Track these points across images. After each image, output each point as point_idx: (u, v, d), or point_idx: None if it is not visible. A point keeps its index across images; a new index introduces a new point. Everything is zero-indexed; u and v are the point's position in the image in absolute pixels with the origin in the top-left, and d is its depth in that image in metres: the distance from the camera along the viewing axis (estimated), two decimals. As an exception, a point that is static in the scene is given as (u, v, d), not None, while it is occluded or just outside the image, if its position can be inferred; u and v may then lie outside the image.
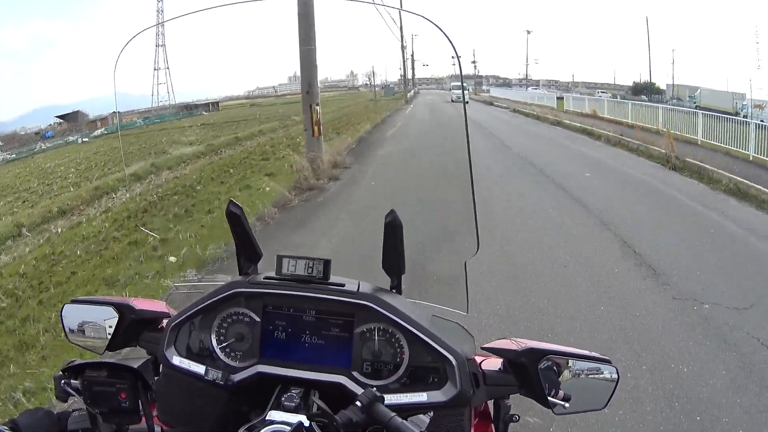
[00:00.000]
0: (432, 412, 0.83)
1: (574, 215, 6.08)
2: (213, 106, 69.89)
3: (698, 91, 28.24)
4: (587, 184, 7.79)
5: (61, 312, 1.04)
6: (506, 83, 71.69)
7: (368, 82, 69.66)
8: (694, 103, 25.36)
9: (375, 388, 0.80)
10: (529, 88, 51.54)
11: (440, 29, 1.00)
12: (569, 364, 0.89)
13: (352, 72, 75.38)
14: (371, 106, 36.15)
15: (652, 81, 41.42)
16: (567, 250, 4.82)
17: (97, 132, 45.67)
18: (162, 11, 76.14)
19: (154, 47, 66.27)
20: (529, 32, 59.86)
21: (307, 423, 0.74)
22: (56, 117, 49.84)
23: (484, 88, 72.93)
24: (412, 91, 58.99)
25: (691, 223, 5.81)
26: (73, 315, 1.03)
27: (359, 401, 0.77)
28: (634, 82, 44.36)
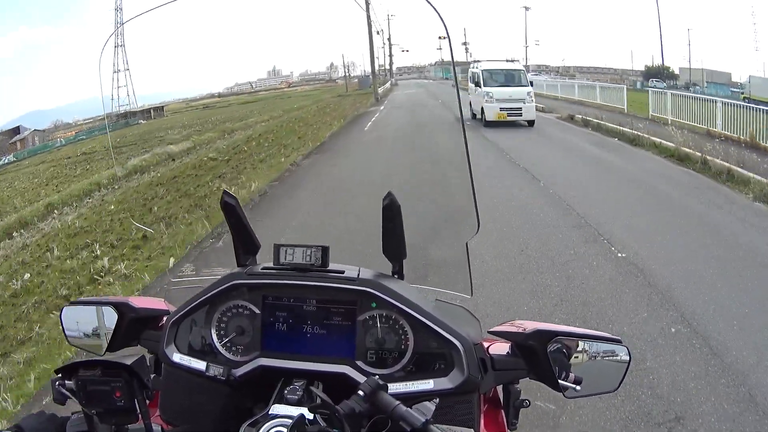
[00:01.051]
0: (438, 399, 0.77)
1: None
2: (156, 111, 59.93)
3: (746, 78, 22.50)
4: None
5: (60, 314, 1.02)
6: None
7: (350, 74, 63.50)
8: (742, 94, 20.22)
9: (378, 377, 0.77)
10: (530, 74, 43.68)
11: None
12: (579, 346, 0.86)
13: (332, 64, 70.37)
14: (332, 106, 26.63)
15: (666, 65, 36.37)
16: None
17: (4, 160, 35.88)
18: (121, 9, 66.93)
19: (113, 48, 59.83)
20: (527, 9, 49.54)
21: (309, 415, 0.72)
22: (-1, 134, 42.66)
23: (473, 75, 63.81)
24: (389, 82, 48.62)
25: None
26: (73, 316, 1.00)
27: (362, 390, 0.74)
28: (646, 66, 38.39)
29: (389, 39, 58.27)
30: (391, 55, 60.36)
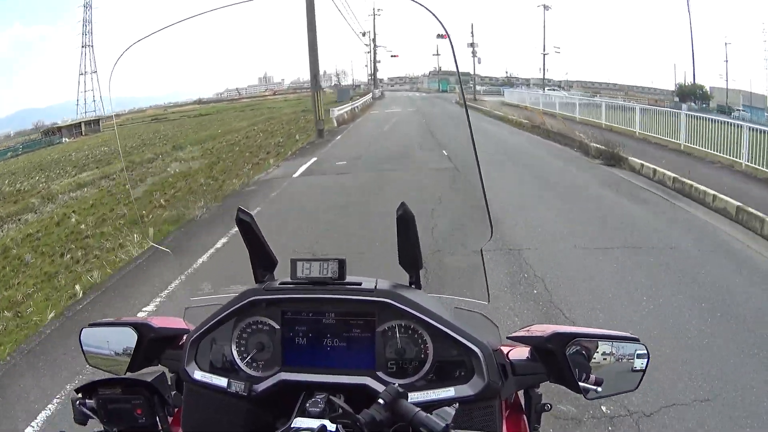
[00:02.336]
0: (457, 404, 0.75)
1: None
2: (90, 126, 48.22)
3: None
4: None
5: (80, 336, 0.99)
6: (508, 83, 52.30)
7: (336, 83, 58.25)
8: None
9: (397, 384, 0.76)
10: (546, 89, 34.57)
11: None
12: (598, 347, 0.85)
13: (325, 72, 62.61)
14: (262, 135, 16.85)
15: (697, 82, 30.14)
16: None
17: None
18: (90, 6, 56.28)
19: (80, 48, 54.87)
20: (547, 8, 38.23)
21: (332, 426, 0.72)
22: None
23: (480, 89, 53.38)
24: (371, 94, 37.16)
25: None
26: (92, 338, 0.99)
27: (382, 399, 0.73)
28: (679, 85, 31.13)
29: (374, 40, 46.88)
30: (375, 61, 48.75)
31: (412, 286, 0.94)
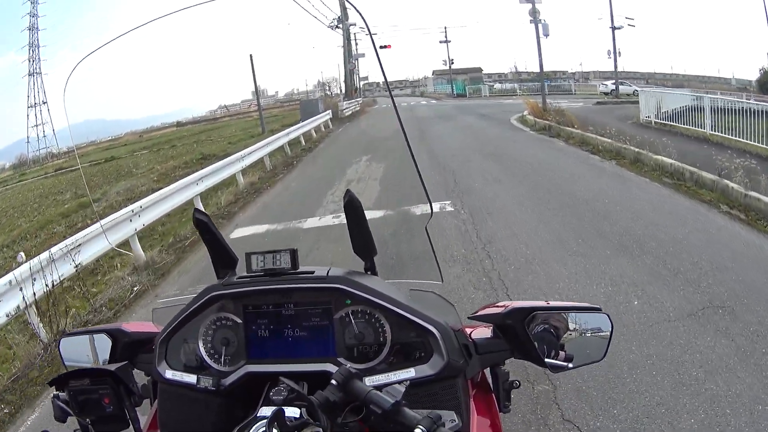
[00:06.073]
0: (408, 382, 0.81)
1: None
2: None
3: None
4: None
5: (59, 346, 1.08)
6: (538, 78, 38.50)
7: (328, 92, 50.36)
8: None
9: (349, 365, 0.84)
10: (607, 83, 28.38)
11: None
12: (563, 322, 0.92)
13: (319, 82, 62.91)
14: None
15: None
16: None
17: None
18: (36, 29, 51.55)
19: (27, 76, 50.27)
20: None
21: (295, 412, 0.75)
22: None
23: (496, 86, 39.45)
24: (327, 114, 22.53)
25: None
26: (70, 347, 1.08)
27: (334, 380, 0.78)
28: (764, 70, 24.44)
29: (342, 26, 31.31)
30: (348, 51, 32.75)
31: (368, 272, 0.99)
